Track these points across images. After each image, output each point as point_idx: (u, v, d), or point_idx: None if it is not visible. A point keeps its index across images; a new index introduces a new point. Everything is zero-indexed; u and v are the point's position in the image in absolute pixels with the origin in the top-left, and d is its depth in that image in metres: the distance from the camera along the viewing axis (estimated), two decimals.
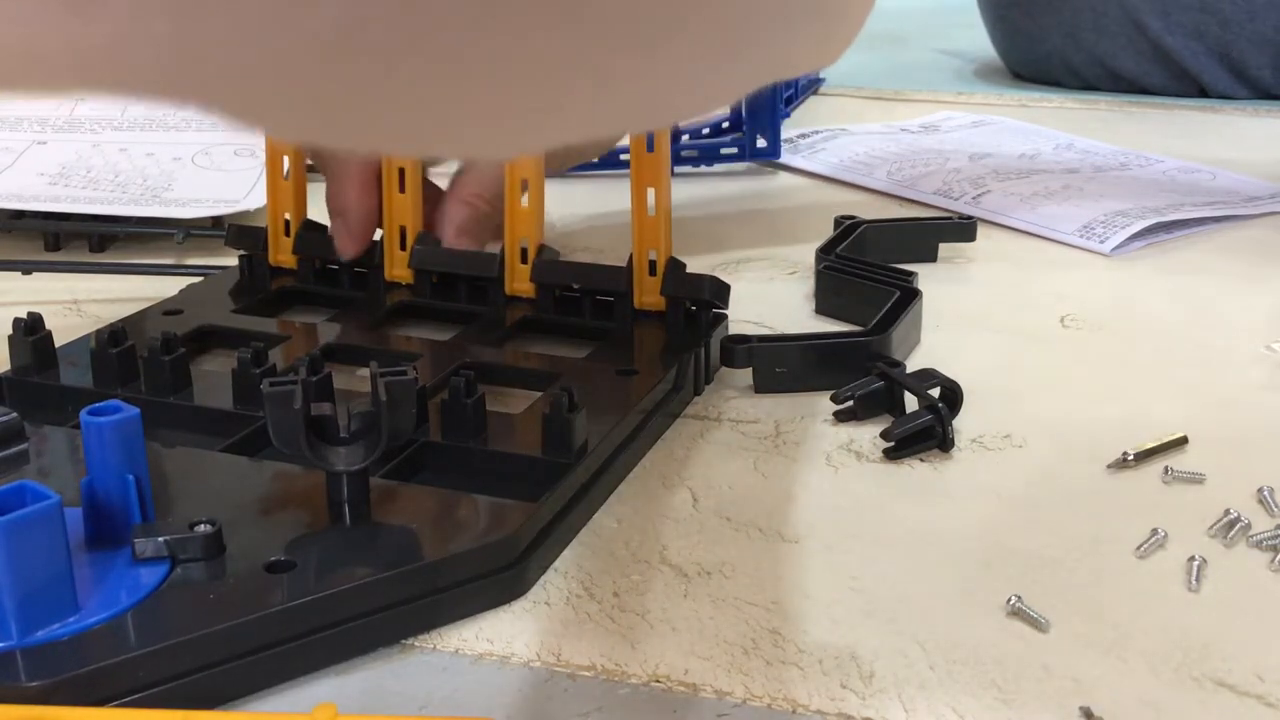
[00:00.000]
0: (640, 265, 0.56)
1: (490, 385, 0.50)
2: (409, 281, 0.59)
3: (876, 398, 0.51)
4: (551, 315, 0.57)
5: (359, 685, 0.36)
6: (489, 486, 0.42)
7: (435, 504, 0.41)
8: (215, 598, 0.36)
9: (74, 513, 0.37)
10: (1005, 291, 0.66)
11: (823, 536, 0.43)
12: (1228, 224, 0.76)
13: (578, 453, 0.44)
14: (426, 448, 0.44)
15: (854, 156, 0.90)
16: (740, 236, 0.74)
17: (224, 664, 0.34)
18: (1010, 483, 0.46)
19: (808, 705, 0.35)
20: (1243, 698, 0.35)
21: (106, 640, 0.34)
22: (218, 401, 0.48)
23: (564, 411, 0.43)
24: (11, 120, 0.84)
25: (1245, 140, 0.98)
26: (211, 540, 0.37)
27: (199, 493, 0.41)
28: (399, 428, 0.40)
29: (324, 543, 0.39)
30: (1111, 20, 1.11)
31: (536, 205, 0.57)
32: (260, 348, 0.48)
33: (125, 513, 0.37)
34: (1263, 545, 0.42)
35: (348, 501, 0.40)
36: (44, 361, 0.50)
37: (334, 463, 0.39)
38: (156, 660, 0.34)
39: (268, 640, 0.35)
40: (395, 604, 0.37)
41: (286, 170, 0.61)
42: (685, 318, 0.55)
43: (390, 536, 0.39)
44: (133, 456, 0.37)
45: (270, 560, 0.37)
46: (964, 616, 0.38)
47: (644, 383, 0.50)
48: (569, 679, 0.36)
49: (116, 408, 0.38)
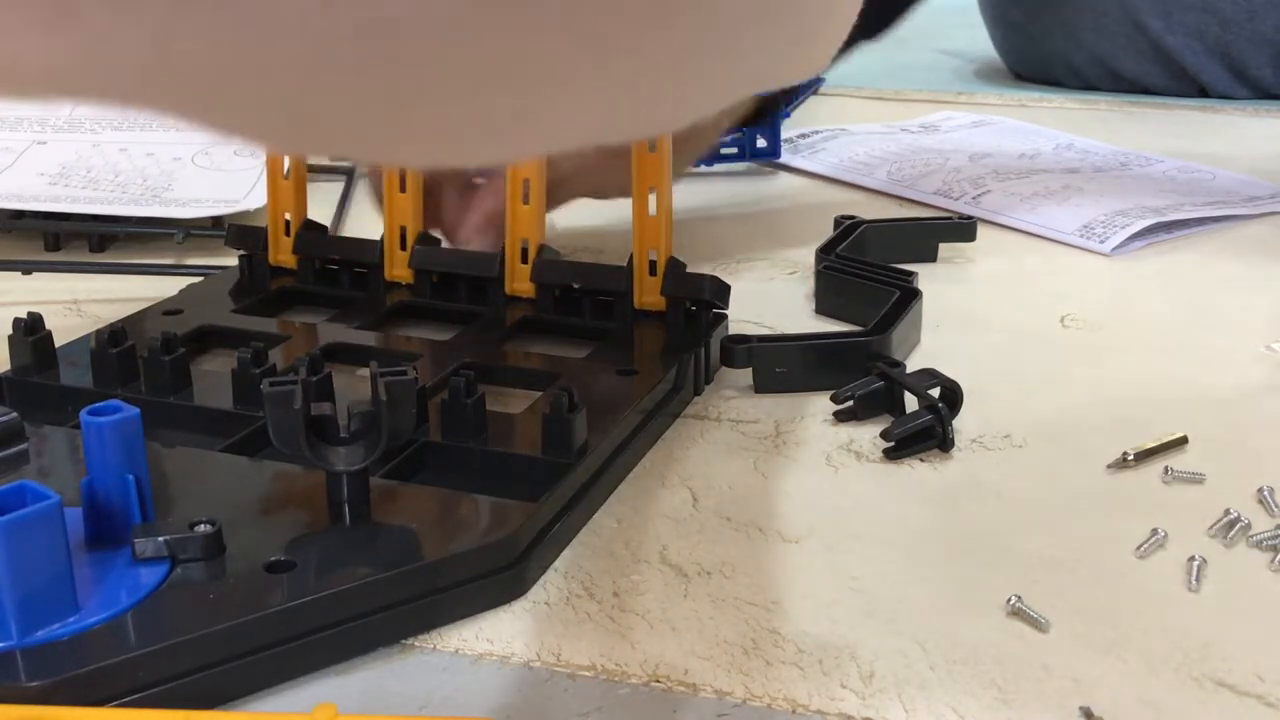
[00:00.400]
0: (640, 265, 0.56)
1: (490, 385, 0.50)
2: (409, 281, 0.59)
3: (876, 398, 0.51)
4: (551, 315, 0.57)
5: (359, 685, 0.36)
6: (489, 486, 0.42)
7: (435, 504, 0.41)
8: (215, 598, 0.36)
9: (74, 513, 0.37)
10: (1005, 291, 0.66)
11: (823, 536, 0.43)
12: (1228, 224, 0.76)
13: (578, 453, 0.44)
14: (426, 448, 0.44)
15: (854, 156, 0.90)
16: (740, 236, 0.74)
17: (224, 664, 0.34)
18: (1010, 483, 0.46)
19: (808, 705, 0.35)
20: (1243, 698, 0.35)
21: (106, 640, 0.34)
22: (218, 401, 0.48)
23: (564, 411, 0.43)
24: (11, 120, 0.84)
25: (1245, 140, 0.98)
26: (211, 540, 0.37)
27: (199, 493, 0.41)
28: (399, 428, 0.40)
29: (324, 543, 0.39)
30: (1112, 20, 1.11)
31: (537, 206, 0.57)
32: (260, 348, 0.48)
33: (125, 513, 0.37)
34: (1263, 545, 0.42)
35: (348, 501, 0.40)
36: (44, 361, 0.50)
37: (334, 463, 0.39)
38: (156, 660, 0.34)
39: (268, 640, 0.35)
40: (395, 604, 0.37)
41: (287, 170, 0.61)
42: (685, 318, 0.55)
43: (390, 536, 0.39)
44: (133, 456, 0.37)
45: (270, 560, 0.37)
46: (964, 616, 0.38)
47: (644, 383, 0.50)
48: (569, 679, 0.36)
49: (116, 408, 0.37)
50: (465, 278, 0.58)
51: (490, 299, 0.58)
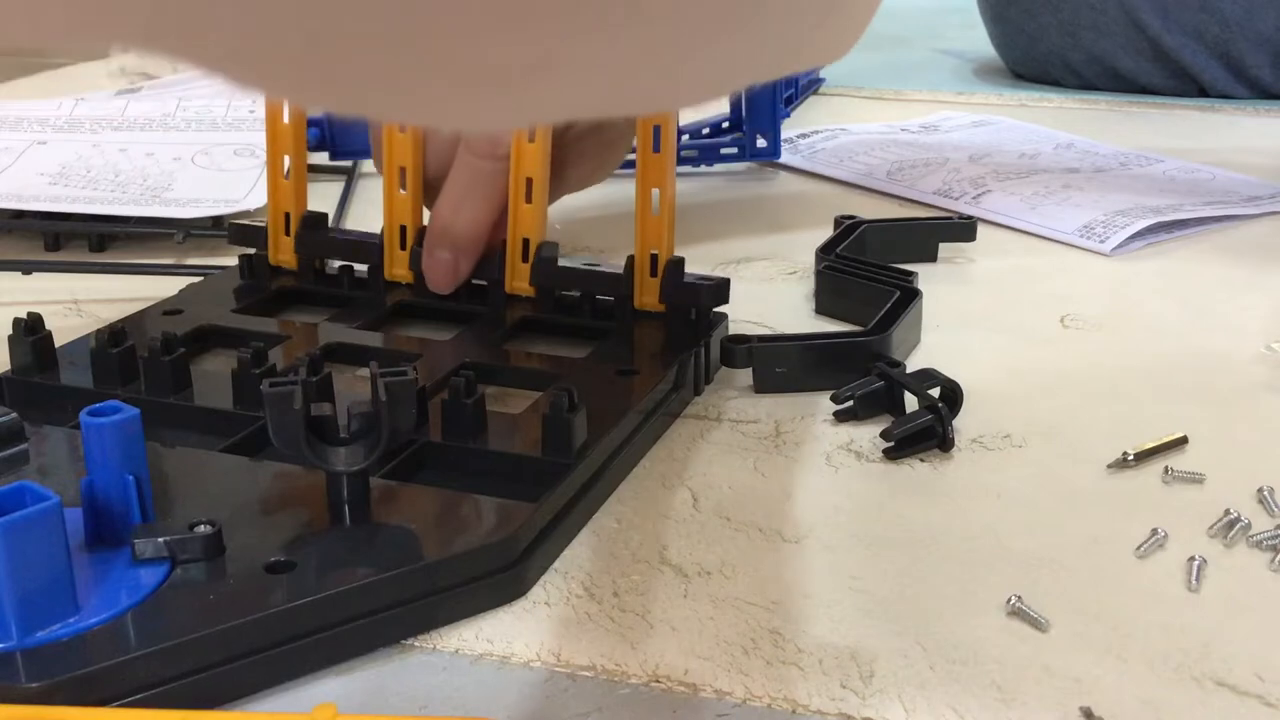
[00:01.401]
0: (642, 265, 0.55)
1: (490, 385, 0.50)
2: (409, 281, 0.59)
3: (876, 398, 0.51)
4: (552, 315, 0.57)
5: (359, 685, 0.36)
6: (489, 486, 0.42)
7: (435, 504, 0.41)
8: (215, 598, 0.36)
9: (74, 513, 0.37)
10: (1005, 291, 0.66)
11: (823, 536, 0.43)
12: (1228, 224, 0.76)
13: (578, 453, 0.44)
14: (427, 448, 0.44)
15: (854, 156, 0.90)
16: (740, 236, 0.74)
17: (224, 664, 0.34)
18: (1010, 483, 0.46)
19: (808, 705, 0.35)
20: (1243, 698, 0.35)
21: (106, 641, 0.34)
22: (218, 401, 0.48)
23: (564, 412, 0.43)
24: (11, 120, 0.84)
25: (1245, 140, 0.98)
26: (211, 541, 0.37)
27: (199, 493, 0.41)
28: (399, 428, 0.39)
29: (324, 543, 0.39)
30: (1110, 19, 1.11)
31: (540, 204, 0.56)
32: (260, 348, 0.48)
33: (125, 513, 0.37)
34: (1263, 545, 0.42)
35: (348, 502, 0.40)
36: (44, 362, 0.50)
37: (334, 463, 0.39)
38: (156, 661, 0.34)
39: (267, 641, 0.35)
40: (394, 605, 0.37)
41: (287, 169, 0.61)
42: (685, 318, 0.55)
43: (390, 537, 0.39)
44: (133, 457, 0.37)
45: (270, 561, 0.37)
46: (964, 616, 0.38)
47: (644, 383, 0.50)
48: (569, 679, 0.36)
49: (116, 408, 0.37)
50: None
51: (490, 299, 0.58)
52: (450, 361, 0.52)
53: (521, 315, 0.57)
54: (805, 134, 0.95)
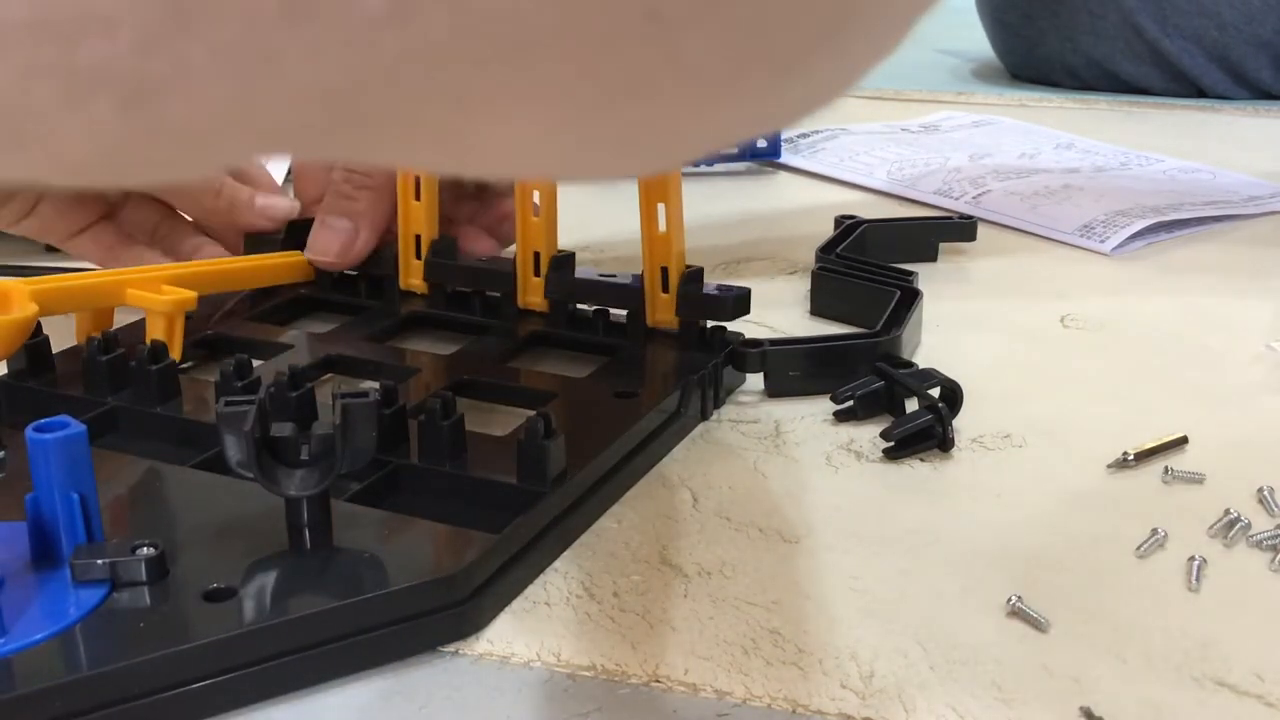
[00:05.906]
0: (652, 283, 0.53)
1: (488, 403, 0.49)
2: (424, 291, 0.58)
3: (876, 398, 0.50)
4: (563, 330, 0.55)
5: (359, 684, 0.36)
6: (462, 513, 0.40)
7: (393, 532, 0.39)
8: (145, 625, 0.34)
9: (20, 528, 0.36)
10: (1005, 291, 0.66)
11: (823, 536, 0.43)
12: (1228, 224, 0.76)
13: (554, 481, 0.41)
14: (403, 470, 0.42)
15: (854, 156, 0.90)
16: (740, 236, 0.74)
17: (150, 695, 0.33)
18: (1010, 483, 0.46)
19: (808, 705, 0.34)
20: (1243, 698, 0.35)
21: (29, 666, 0.32)
22: (201, 414, 0.46)
23: (539, 438, 0.41)
24: None
25: (1245, 140, 0.98)
26: (153, 563, 0.35)
27: (159, 511, 0.39)
28: (358, 452, 0.38)
29: (273, 570, 0.37)
30: (1109, 23, 1.11)
31: (549, 217, 0.55)
32: (244, 359, 0.46)
33: (70, 532, 0.36)
34: (1263, 545, 0.42)
35: (306, 526, 0.38)
36: (40, 366, 0.49)
37: (286, 487, 0.37)
38: (79, 689, 0.32)
39: (196, 672, 0.33)
40: (330, 640, 0.35)
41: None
42: (700, 335, 0.53)
43: (340, 566, 0.37)
44: (78, 474, 0.36)
45: (210, 588, 0.35)
46: (964, 616, 0.38)
47: (641, 407, 0.47)
48: (569, 679, 0.36)
49: (64, 424, 0.36)
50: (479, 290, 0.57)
51: (504, 312, 0.56)
52: (449, 376, 0.50)
53: (531, 330, 0.55)
54: (805, 134, 0.95)
